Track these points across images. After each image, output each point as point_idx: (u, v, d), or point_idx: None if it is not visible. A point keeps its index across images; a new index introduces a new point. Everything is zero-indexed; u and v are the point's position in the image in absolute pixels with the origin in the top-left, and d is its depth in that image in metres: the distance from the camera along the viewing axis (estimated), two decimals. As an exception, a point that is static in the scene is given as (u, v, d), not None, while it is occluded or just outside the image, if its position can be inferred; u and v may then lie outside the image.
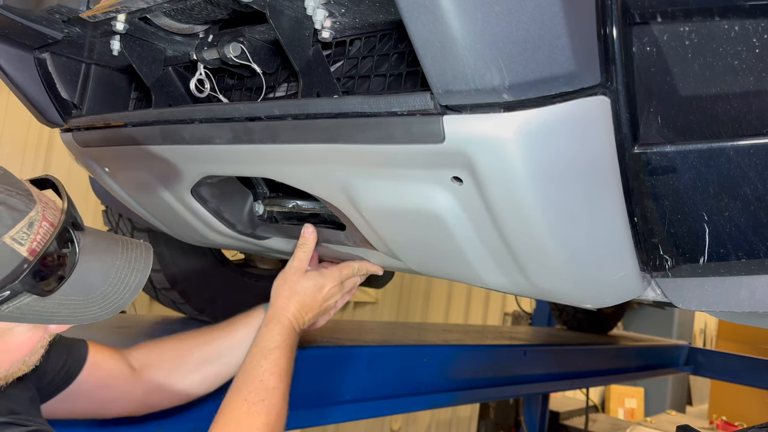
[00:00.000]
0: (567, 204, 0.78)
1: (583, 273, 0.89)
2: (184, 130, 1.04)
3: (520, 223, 0.80)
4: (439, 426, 5.79)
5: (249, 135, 0.95)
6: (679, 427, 1.83)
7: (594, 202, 0.78)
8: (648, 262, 0.86)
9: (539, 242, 0.83)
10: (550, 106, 0.68)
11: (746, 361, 3.80)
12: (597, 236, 0.83)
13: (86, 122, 1.24)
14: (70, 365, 1.13)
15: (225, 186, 1.27)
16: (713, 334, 7.82)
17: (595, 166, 0.74)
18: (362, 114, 0.80)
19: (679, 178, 0.72)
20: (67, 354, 1.14)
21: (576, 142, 0.71)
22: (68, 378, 1.13)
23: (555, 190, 0.76)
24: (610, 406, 6.57)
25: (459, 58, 0.65)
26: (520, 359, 2.67)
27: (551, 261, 0.86)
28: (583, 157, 0.73)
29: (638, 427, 4.29)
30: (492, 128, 0.69)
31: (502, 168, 0.73)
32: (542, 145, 0.70)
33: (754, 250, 0.75)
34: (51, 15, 1.09)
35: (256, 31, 1.05)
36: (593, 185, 0.76)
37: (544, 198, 0.76)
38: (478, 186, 0.78)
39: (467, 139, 0.72)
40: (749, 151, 0.67)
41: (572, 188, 0.76)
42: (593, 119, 0.70)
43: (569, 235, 0.83)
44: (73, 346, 1.16)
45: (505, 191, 0.77)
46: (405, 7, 0.64)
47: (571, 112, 0.68)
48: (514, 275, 0.92)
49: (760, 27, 0.64)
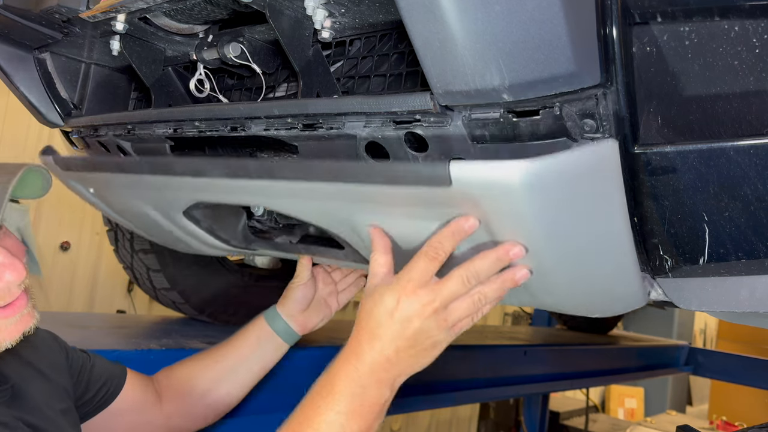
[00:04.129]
0: (574, 237, 0.80)
1: (587, 292, 0.91)
2: (176, 163, 1.03)
3: (529, 259, 0.82)
4: (439, 426, 5.79)
5: (245, 170, 0.94)
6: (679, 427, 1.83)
7: (601, 234, 0.80)
8: (648, 263, 0.86)
9: (545, 269, 0.85)
10: (559, 154, 0.69)
11: (746, 361, 3.80)
12: (603, 261, 0.85)
13: (86, 122, 1.24)
14: (110, 384, 1.15)
15: (219, 207, 1.27)
16: (713, 334, 7.82)
17: (603, 203, 0.76)
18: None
19: (679, 178, 0.72)
20: (108, 373, 1.16)
21: (585, 186, 0.73)
22: (110, 397, 1.15)
23: (562, 227, 0.77)
24: (610, 406, 6.57)
25: (459, 58, 0.65)
26: (520, 359, 2.67)
27: (556, 284, 0.88)
28: (592, 197, 0.74)
29: (638, 427, 4.29)
30: (500, 175, 0.70)
31: (509, 210, 0.74)
32: (551, 191, 0.71)
33: (754, 251, 0.75)
34: (51, 15, 1.09)
35: (255, 31, 1.05)
36: (600, 219, 0.78)
37: (550, 234, 0.78)
38: (484, 222, 0.79)
39: (474, 184, 0.72)
40: (749, 151, 0.67)
41: (579, 223, 0.78)
42: (602, 164, 0.71)
43: (575, 263, 0.84)
44: (113, 367, 1.19)
45: (511, 229, 0.79)
46: (405, 7, 0.64)
47: (581, 159, 0.69)
48: (518, 294, 0.93)
49: (760, 27, 0.64)
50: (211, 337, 1.75)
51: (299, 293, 1.32)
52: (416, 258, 0.84)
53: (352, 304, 5.12)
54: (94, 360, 1.16)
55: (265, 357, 1.32)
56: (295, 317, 1.32)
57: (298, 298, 1.32)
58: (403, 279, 0.84)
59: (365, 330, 0.85)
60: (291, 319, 1.32)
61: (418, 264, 0.83)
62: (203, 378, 1.28)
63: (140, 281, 2.08)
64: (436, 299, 0.82)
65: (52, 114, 1.29)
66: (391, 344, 0.83)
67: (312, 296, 1.34)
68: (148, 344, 1.59)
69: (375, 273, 0.89)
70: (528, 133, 0.72)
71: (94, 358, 1.16)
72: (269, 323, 1.31)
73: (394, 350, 0.83)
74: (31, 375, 0.98)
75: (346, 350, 0.87)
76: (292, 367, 1.69)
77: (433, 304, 0.82)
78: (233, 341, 1.32)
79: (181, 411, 1.26)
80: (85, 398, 1.11)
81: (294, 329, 1.32)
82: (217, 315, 2.14)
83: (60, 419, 0.96)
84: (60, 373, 1.05)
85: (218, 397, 1.29)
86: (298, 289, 1.32)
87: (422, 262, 0.83)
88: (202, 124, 1.02)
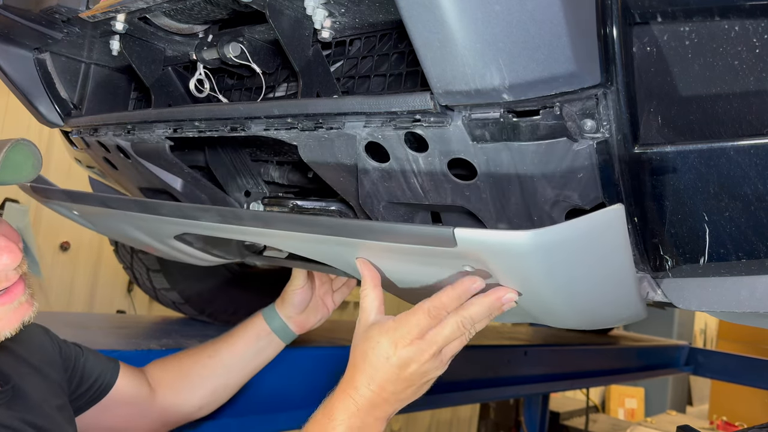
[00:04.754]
0: (578, 284, 0.82)
1: (589, 315, 0.93)
2: (164, 207, 1.03)
3: (533, 298, 0.85)
4: (439, 426, 5.79)
5: (238, 219, 0.94)
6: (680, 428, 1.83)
7: (605, 279, 0.82)
8: (648, 263, 0.85)
9: (549, 308, 0.88)
10: (565, 225, 0.70)
11: (746, 361, 3.80)
12: (606, 296, 0.87)
13: (85, 122, 1.24)
14: (104, 377, 1.16)
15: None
16: (713, 334, 7.82)
17: (609, 259, 0.77)
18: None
19: (680, 178, 0.72)
20: (101, 367, 1.16)
21: (591, 248, 0.74)
22: (103, 390, 1.15)
23: (567, 279, 0.80)
24: (611, 407, 6.57)
25: (459, 58, 0.65)
26: (520, 359, 2.67)
27: (557, 311, 0.91)
28: (598, 256, 0.76)
29: (638, 427, 4.29)
30: (505, 243, 0.72)
31: (514, 269, 0.77)
32: (556, 256, 0.73)
33: (754, 251, 0.75)
34: (51, 15, 1.09)
35: (255, 31, 1.05)
36: (606, 270, 0.80)
37: (555, 286, 0.81)
38: (491, 273, 0.81)
39: (479, 248, 0.74)
40: (749, 151, 0.67)
41: (585, 275, 0.80)
42: (609, 229, 0.72)
43: (579, 299, 0.87)
44: (106, 360, 1.19)
45: (516, 281, 0.81)
46: (405, 7, 0.64)
47: (588, 226, 0.70)
48: (518, 313, 0.94)
49: (760, 27, 0.64)
50: (210, 337, 1.74)
51: (297, 298, 1.32)
52: (417, 311, 0.85)
53: (352, 305, 5.12)
54: (87, 353, 1.15)
55: (262, 354, 1.32)
56: (294, 318, 1.32)
57: (296, 302, 1.32)
58: (400, 329, 0.85)
59: (362, 372, 0.87)
60: (289, 320, 1.32)
61: (420, 320, 0.85)
62: (196, 372, 1.28)
63: (140, 281, 2.09)
64: (432, 346, 0.85)
65: (52, 114, 1.29)
66: (388, 387, 0.86)
67: (309, 298, 1.34)
68: (148, 344, 1.60)
69: (366, 308, 0.91)
70: (528, 133, 0.72)
71: (86, 352, 1.16)
72: (267, 322, 1.32)
73: (392, 392, 0.86)
74: (28, 372, 0.98)
75: (343, 389, 0.89)
76: (291, 367, 1.69)
77: (430, 351, 0.85)
78: (230, 337, 1.32)
79: (173, 404, 1.26)
80: (79, 392, 1.11)
81: (292, 329, 1.33)
82: (217, 315, 2.14)
83: (57, 416, 0.96)
84: (54, 368, 1.05)
85: (211, 391, 1.29)
86: (296, 293, 1.32)
87: (423, 319, 0.85)
88: (202, 124, 1.02)
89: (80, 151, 1.36)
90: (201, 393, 1.28)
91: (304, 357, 1.75)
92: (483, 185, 0.80)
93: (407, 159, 0.81)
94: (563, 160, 0.73)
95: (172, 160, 1.15)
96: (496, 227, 0.86)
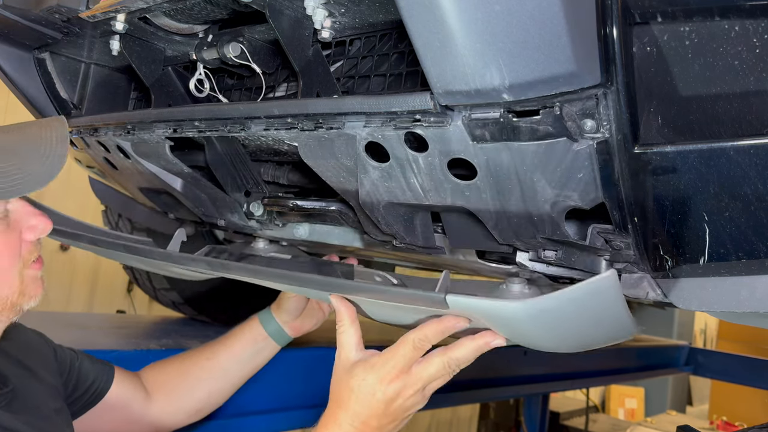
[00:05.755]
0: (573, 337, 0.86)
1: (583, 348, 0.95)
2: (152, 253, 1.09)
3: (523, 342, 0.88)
4: (439, 426, 5.80)
5: (225, 268, 1.01)
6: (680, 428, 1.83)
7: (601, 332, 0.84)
8: (648, 263, 0.85)
9: (540, 347, 0.91)
10: (556, 294, 0.72)
11: (746, 361, 3.80)
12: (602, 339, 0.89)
13: (85, 122, 1.24)
14: (99, 383, 1.16)
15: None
16: (713, 335, 7.82)
17: (605, 316, 0.79)
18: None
19: (680, 178, 0.72)
20: (96, 371, 1.17)
21: (585, 311, 0.76)
22: (99, 394, 1.16)
23: (561, 336, 0.84)
24: (610, 406, 6.57)
25: (459, 57, 0.65)
26: (520, 359, 2.67)
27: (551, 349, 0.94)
28: (593, 317, 0.78)
29: (638, 427, 4.29)
30: (496, 311, 0.75)
31: (505, 329, 0.82)
32: (548, 320, 0.76)
33: (754, 251, 0.74)
34: (50, 15, 1.09)
35: (255, 31, 1.05)
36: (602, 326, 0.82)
37: (547, 341, 0.86)
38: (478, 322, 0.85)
39: (470, 312, 0.78)
40: (749, 151, 0.67)
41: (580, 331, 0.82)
42: (602, 293, 0.73)
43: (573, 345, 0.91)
44: (101, 365, 1.20)
45: (507, 335, 0.85)
46: (405, 7, 0.64)
47: (581, 294, 0.71)
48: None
49: (760, 27, 0.64)
50: (210, 338, 1.74)
51: (292, 304, 1.32)
52: (402, 345, 0.87)
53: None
54: (82, 358, 1.16)
55: (258, 357, 1.32)
56: (289, 323, 1.33)
57: (291, 308, 1.32)
58: (388, 364, 0.87)
59: (345, 409, 0.88)
60: (285, 325, 1.32)
61: (405, 352, 0.87)
62: (194, 375, 1.29)
63: (140, 281, 2.09)
64: (417, 383, 0.87)
65: (52, 114, 1.29)
66: (372, 422, 0.87)
67: (305, 304, 1.34)
68: (148, 344, 1.60)
69: (345, 344, 0.92)
70: (528, 133, 0.72)
71: (81, 357, 1.16)
72: (263, 325, 1.32)
73: (375, 427, 0.88)
74: (25, 375, 0.98)
75: (324, 424, 0.90)
76: (291, 367, 1.69)
77: (415, 387, 0.87)
78: (226, 340, 1.32)
79: (170, 407, 1.26)
80: (74, 396, 1.11)
81: (287, 333, 1.33)
82: (217, 315, 2.14)
83: (55, 419, 0.97)
84: (50, 372, 1.05)
85: (208, 394, 1.30)
86: (291, 299, 1.32)
87: (409, 351, 0.86)
88: (202, 124, 1.02)
89: (80, 151, 1.36)
90: (198, 396, 1.29)
91: (304, 357, 1.76)
92: (483, 185, 0.80)
93: (407, 159, 0.81)
94: (563, 160, 0.73)
95: (172, 160, 1.15)
96: (496, 228, 0.86)
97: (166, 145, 1.12)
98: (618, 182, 0.75)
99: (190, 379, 1.28)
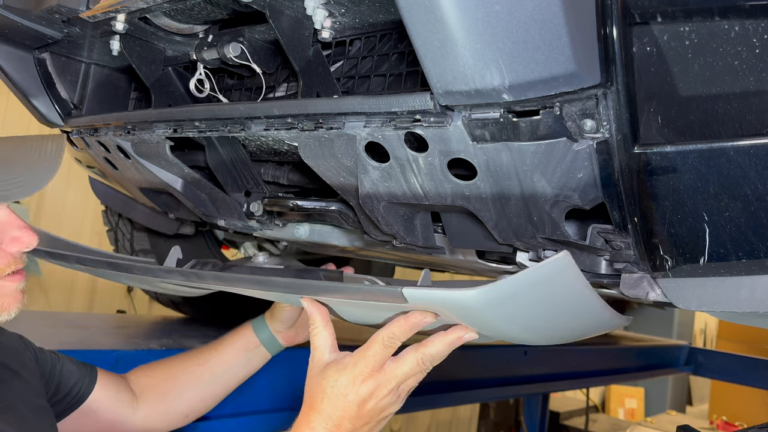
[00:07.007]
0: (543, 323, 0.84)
1: (564, 339, 0.94)
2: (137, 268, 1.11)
3: (495, 335, 0.87)
4: (439, 426, 5.80)
5: (200, 279, 1.02)
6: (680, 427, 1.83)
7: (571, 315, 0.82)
8: (648, 263, 0.85)
9: (515, 339, 0.90)
10: (509, 279, 0.71)
11: (746, 361, 3.80)
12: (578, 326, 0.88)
13: (85, 122, 1.24)
14: (81, 385, 1.15)
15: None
16: (713, 334, 7.82)
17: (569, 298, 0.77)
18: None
19: (680, 178, 0.72)
20: (78, 374, 1.16)
21: (546, 295, 0.75)
22: (80, 397, 1.15)
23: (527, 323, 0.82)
24: (610, 406, 6.57)
25: (459, 58, 0.65)
26: (520, 359, 2.67)
27: (529, 341, 0.93)
28: (556, 299, 0.77)
29: (638, 427, 4.29)
30: (452, 299, 0.74)
31: (468, 319, 0.81)
32: (507, 306, 0.75)
33: (754, 251, 0.74)
34: (51, 15, 1.09)
35: (255, 31, 1.05)
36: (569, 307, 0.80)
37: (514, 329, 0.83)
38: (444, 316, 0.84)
39: (428, 304, 0.79)
40: (749, 151, 0.67)
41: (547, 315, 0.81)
42: (560, 275, 0.72)
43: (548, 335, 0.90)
44: (83, 367, 1.18)
45: (474, 327, 0.84)
46: (405, 7, 0.64)
47: (535, 278, 0.71)
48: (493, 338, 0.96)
49: (760, 27, 0.64)
50: (211, 337, 1.74)
51: (286, 314, 1.31)
52: (372, 344, 0.86)
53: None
54: (63, 360, 1.15)
55: (249, 365, 1.32)
56: (282, 333, 1.32)
57: (285, 318, 1.31)
58: (359, 364, 0.86)
59: (318, 412, 0.87)
60: (278, 334, 1.31)
61: (376, 351, 0.86)
62: (185, 380, 1.28)
63: (140, 281, 2.08)
64: (391, 381, 0.86)
65: (52, 114, 1.29)
66: (345, 424, 0.86)
67: (299, 314, 1.33)
68: (148, 344, 1.60)
69: (319, 347, 0.92)
70: (528, 133, 0.72)
71: (63, 359, 1.15)
72: (256, 333, 1.31)
73: (350, 429, 0.86)
74: (6, 374, 0.98)
75: (297, 428, 0.88)
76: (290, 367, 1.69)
77: (388, 386, 0.86)
78: (218, 346, 1.32)
79: (158, 411, 1.25)
80: (56, 399, 1.10)
81: (280, 342, 1.32)
82: (217, 315, 2.14)
83: (38, 419, 0.96)
84: (32, 373, 1.05)
85: (198, 399, 1.29)
86: (285, 310, 1.31)
87: (379, 350, 0.86)
88: (202, 124, 1.02)
89: (80, 151, 1.36)
90: (188, 401, 1.28)
91: (304, 357, 1.75)
92: (483, 185, 0.80)
93: (407, 159, 0.81)
94: (563, 160, 0.73)
95: (172, 160, 1.15)
96: (496, 228, 0.86)
97: (166, 145, 1.12)
98: (618, 182, 0.75)
99: (180, 385, 1.27)
